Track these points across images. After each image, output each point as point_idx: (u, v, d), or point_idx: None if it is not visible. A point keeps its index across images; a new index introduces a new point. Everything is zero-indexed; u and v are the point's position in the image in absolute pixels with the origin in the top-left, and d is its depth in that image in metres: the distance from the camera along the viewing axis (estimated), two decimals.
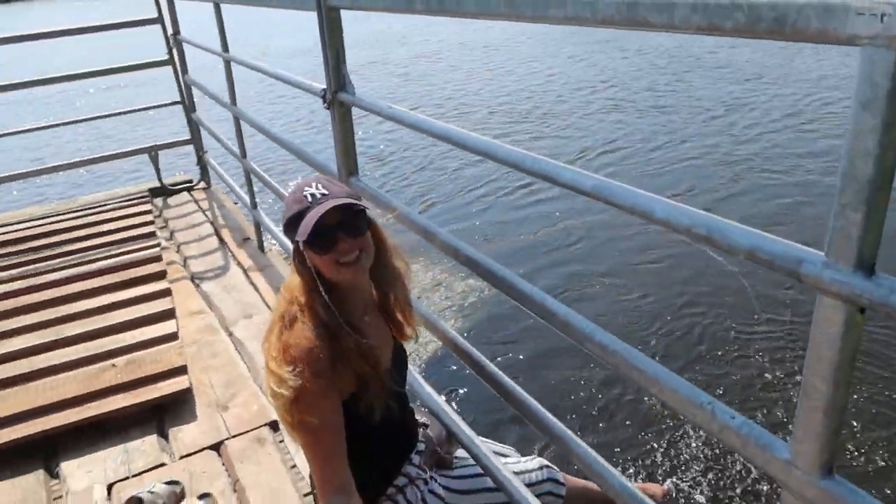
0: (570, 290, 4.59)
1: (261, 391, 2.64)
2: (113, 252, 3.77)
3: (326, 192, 1.47)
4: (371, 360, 1.54)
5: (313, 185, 1.48)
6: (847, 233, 0.79)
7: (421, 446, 1.87)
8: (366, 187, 2.16)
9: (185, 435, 2.46)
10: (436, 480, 1.86)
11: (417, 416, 1.96)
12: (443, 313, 4.26)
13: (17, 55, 16.71)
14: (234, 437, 2.42)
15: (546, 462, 2.15)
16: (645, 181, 6.38)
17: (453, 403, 3.40)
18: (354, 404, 1.53)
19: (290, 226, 1.47)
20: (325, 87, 2.17)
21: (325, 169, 2.46)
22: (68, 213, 4.44)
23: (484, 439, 2.09)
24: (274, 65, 2.91)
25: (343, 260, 1.46)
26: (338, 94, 2.12)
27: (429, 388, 2.12)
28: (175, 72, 4.78)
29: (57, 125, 4.74)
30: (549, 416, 1.56)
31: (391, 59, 14.67)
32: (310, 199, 1.45)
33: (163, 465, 2.33)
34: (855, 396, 3.31)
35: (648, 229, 5.09)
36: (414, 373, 2.19)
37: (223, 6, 3.51)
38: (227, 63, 3.56)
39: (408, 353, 1.85)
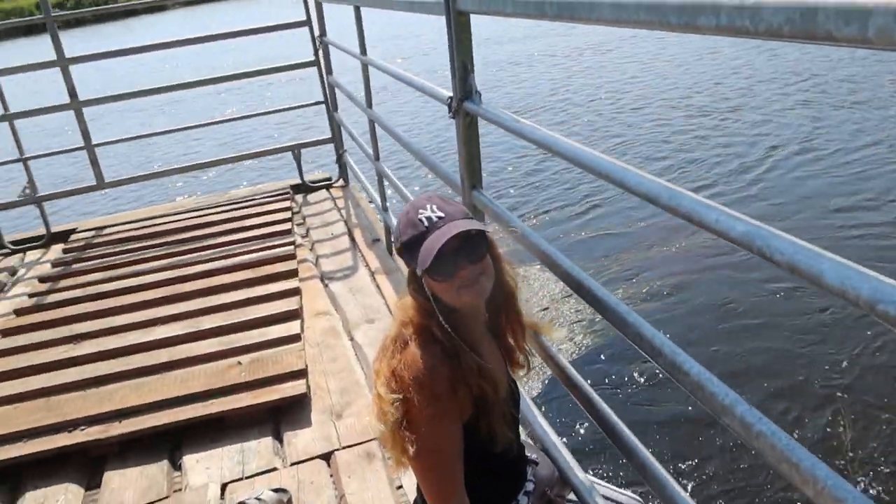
0: (706, 345, 4.12)
1: None
2: (252, 247, 3.91)
3: (443, 214, 1.36)
4: (492, 383, 1.42)
5: (428, 207, 1.38)
6: None
7: (529, 486, 1.72)
8: (488, 202, 2.03)
9: (299, 440, 2.46)
10: None
11: (528, 452, 1.81)
12: (556, 341, 4.04)
13: (184, 58, 18.10)
14: (344, 448, 2.38)
15: None
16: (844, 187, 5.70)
17: (566, 440, 3.20)
18: (473, 430, 1.42)
19: (407, 251, 1.38)
20: (451, 94, 2.06)
21: (448, 179, 2.36)
22: (217, 206, 4.69)
23: (600, 482, 1.89)
24: (405, 69, 2.84)
25: (464, 285, 1.36)
26: (463, 103, 2.00)
27: (543, 422, 1.95)
28: (320, 73, 4.91)
29: (211, 123, 5.02)
30: (662, 471, 1.34)
31: (532, 58, 14.40)
32: (426, 223, 1.34)
33: (274, 469, 2.34)
34: None
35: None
36: (529, 403, 2.04)
37: (363, 10, 3.52)
38: (365, 66, 3.56)
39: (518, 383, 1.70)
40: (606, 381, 3.71)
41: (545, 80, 12.05)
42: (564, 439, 3.12)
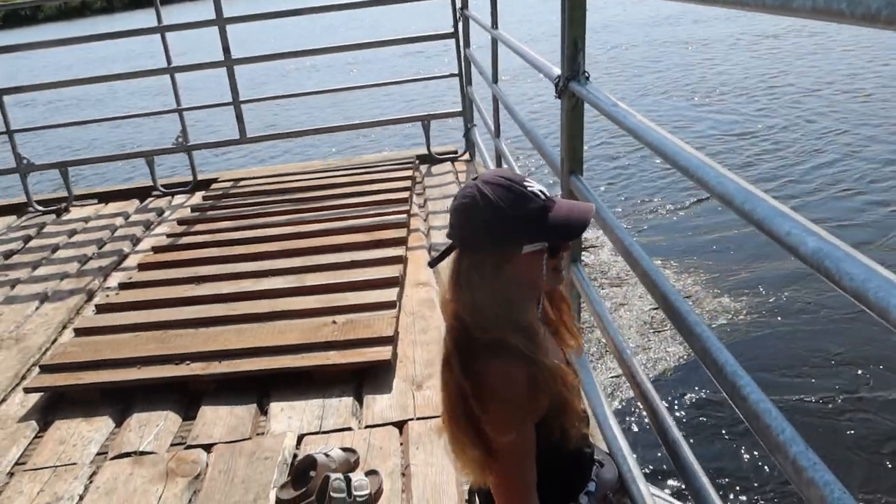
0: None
1: None
2: (369, 212, 4.01)
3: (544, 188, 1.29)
4: (569, 385, 1.35)
5: (526, 181, 1.29)
6: None
7: (592, 486, 1.64)
8: (583, 189, 1.93)
9: (377, 405, 2.51)
10: None
11: (595, 454, 1.72)
12: (647, 346, 3.77)
13: (330, 23, 18.71)
14: (418, 419, 2.40)
15: None
16: None
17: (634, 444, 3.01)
18: (547, 429, 1.36)
19: (530, 222, 1.24)
20: (560, 73, 1.97)
21: (550, 160, 2.27)
22: (344, 169, 4.85)
23: (660, 495, 1.77)
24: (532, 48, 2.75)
25: (557, 268, 1.31)
26: (570, 83, 1.90)
27: (613, 424, 1.85)
28: (457, 45, 4.90)
29: (347, 88, 5.18)
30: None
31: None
32: (542, 196, 1.26)
33: (349, 429, 2.40)
34: None
35: None
36: (603, 402, 1.94)
37: None
38: (494, 41, 3.51)
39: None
40: (677, 394, 3.46)
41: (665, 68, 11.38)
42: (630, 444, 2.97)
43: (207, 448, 2.39)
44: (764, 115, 8.32)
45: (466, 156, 5.14)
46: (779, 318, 4.08)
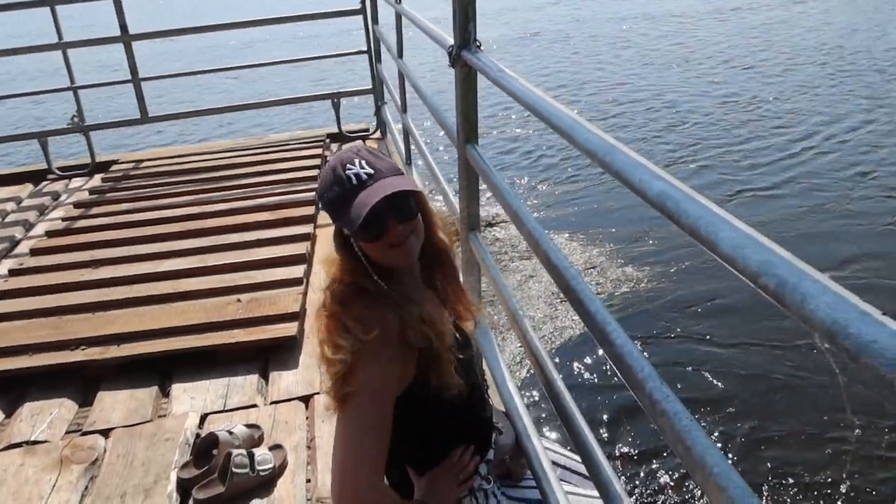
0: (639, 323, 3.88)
1: None
2: (276, 191, 3.94)
3: (372, 171, 1.28)
4: (434, 329, 1.36)
5: (356, 162, 1.29)
6: None
7: (490, 454, 1.68)
8: (478, 158, 1.96)
9: (283, 381, 2.49)
10: (496, 497, 1.66)
11: (495, 419, 1.76)
12: (530, 311, 3.89)
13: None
14: (325, 392, 2.39)
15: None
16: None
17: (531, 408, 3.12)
18: (423, 384, 1.37)
19: (332, 209, 1.30)
20: (452, 42, 1.99)
21: (449, 131, 2.29)
22: (251, 149, 4.74)
23: (552, 448, 1.84)
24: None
25: (393, 244, 1.30)
26: (461, 52, 1.92)
27: (510, 385, 1.91)
28: (365, 21, 4.85)
29: (255, 66, 5.04)
30: (603, 460, 1.29)
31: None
32: (354, 180, 1.26)
33: (254, 406, 2.37)
34: None
35: None
36: (501, 365, 2.00)
37: None
38: (398, 15, 3.49)
39: (475, 343, 1.66)
40: (572, 355, 3.59)
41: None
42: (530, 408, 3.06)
43: (105, 433, 2.31)
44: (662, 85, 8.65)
45: (378, 134, 5.11)
46: (668, 282, 4.29)
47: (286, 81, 10.19)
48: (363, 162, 1.29)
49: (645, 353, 1.06)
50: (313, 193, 3.85)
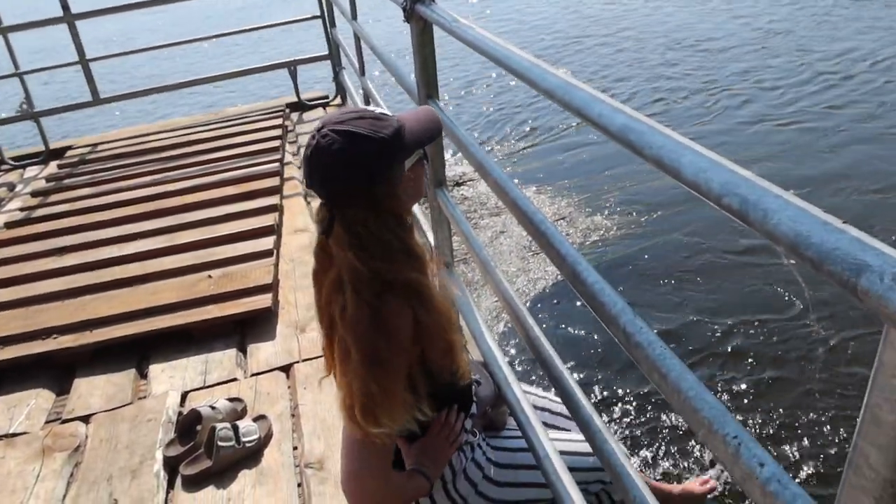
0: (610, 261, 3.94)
1: None
2: (239, 164, 3.87)
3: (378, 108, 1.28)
4: (451, 323, 1.35)
5: (366, 109, 1.26)
6: None
7: (473, 408, 1.70)
8: (439, 114, 1.94)
9: (261, 352, 2.48)
10: (481, 448, 1.68)
11: (473, 373, 1.78)
12: (504, 266, 3.91)
13: None
14: (304, 360, 2.40)
15: None
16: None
17: (510, 359, 3.17)
18: (438, 370, 1.37)
19: (399, 137, 1.21)
20: None
21: (409, 89, 2.26)
22: (210, 124, 4.63)
23: (532, 391, 1.87)
24: None
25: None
26: (415, 6, 1.88)
27: (488, 337, 1.92)
28: None
29: (207, 38, 4.89)
30: (582, 398, 1.31)
31: None
32: (390, 115, 1.26)
33: (234, 380, 2.36)
34: None
35: None
36: (477, 317, 2.01)
37: None
38: None
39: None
40: (547, 304, 3.63)
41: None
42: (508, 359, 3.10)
43: (85, 420, 2.29)
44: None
45: (338, 100, 5.03)
46: (645, 232, 4.33)
47: (242, 53, 9.94)
48: (355, 112, 1.24)
49: (619, 291, 1.07)
50: (277, 164, 3.80)
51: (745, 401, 2.92)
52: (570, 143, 5.75)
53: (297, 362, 2.39)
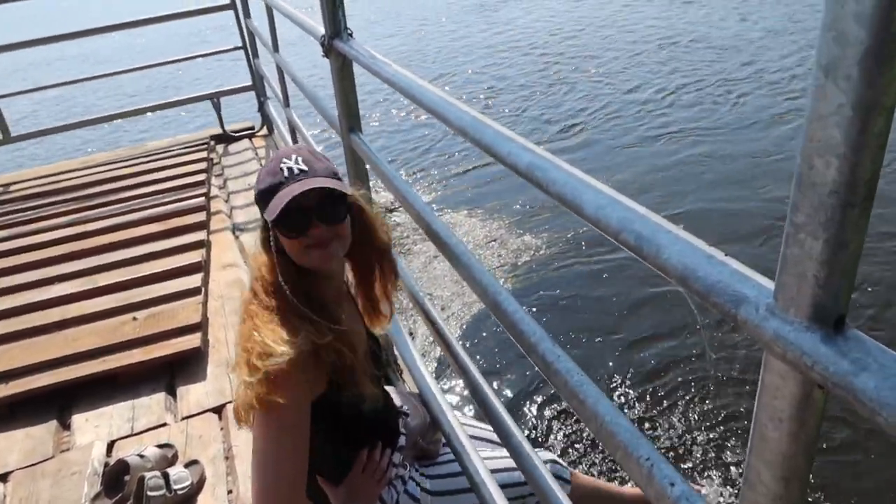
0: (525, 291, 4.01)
1: None
2: (163, 200, 3.78)
3: (306, 168, 1.28)
4: (349, 344, 1.35)
5: (293, 157, 1.29)
6: (801, 268, 0.51)
7: (402, 440, 1.69)
8: (364, 147, 1.96)
9: (192, 394, 2.41)
10: (413, 480, 1.69)
11: (398, 402, 1.77)
12: (437, 291, 3.95)
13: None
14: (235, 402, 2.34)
15: (552, 456, 1.94)
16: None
17: (442, 385, 3.18)
18: (336, 396, 1.36)
19: (261, 200, 1.29)
20: (324, 32, 1.97)
21: (332, 122, 2.27)
22: (131, 159, 4.51)
23: (467, 422, 1.89)
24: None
25: (313, 246, 1.29)
26: (334, 41, 1.90)
27: (422, 369, 1.93)
28: (237, 17, 4.69)
29: (125, 71, 4.77)
30: (510, 423, 1.33)
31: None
32: (286, 173, 1.27)
33: (164, 425, 2.29)
34: None
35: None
36: (409, 345, 2.02)
37: None
38: (268, 8, 3.40)
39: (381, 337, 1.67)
40: (473, 331, 3.68)
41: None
42: (441, 386, 3.12)
43: (3, 478, 2.17)
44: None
45: (265, 131, 4.98)
46: (561, 247, 4.45)
47: (163, 87, 9.71)
48: (300, 159, 1.29)
49: (543, 319, 1.10)
50: (202, 199, 3.72)
51: (659, 422, 3.04)
52: (499, 169, 5.85)
53: (231, 402, 2.33)
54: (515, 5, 13.31)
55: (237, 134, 4.90)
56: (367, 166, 2.07)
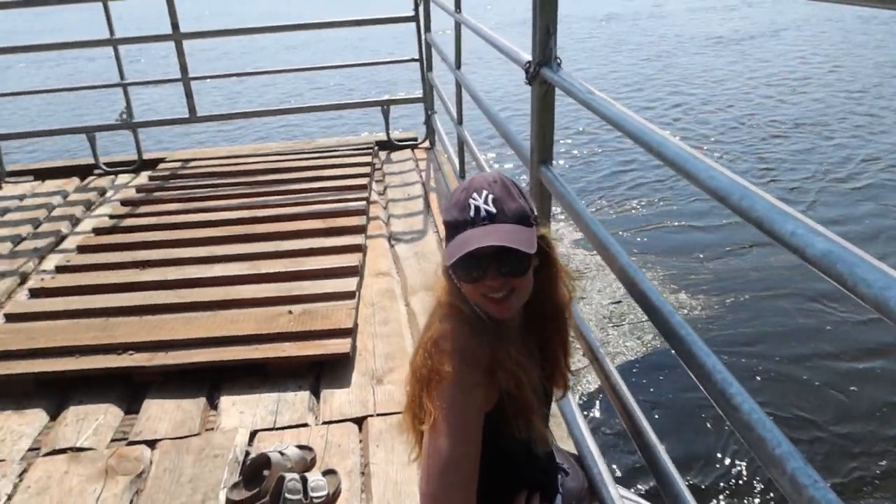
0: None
1: None
2: (327, 198, 3.87)
3: (495, 210, 1.20)
4: (525, 371, 1.28)
5: (484, 193, 1.22)
6: None
7: (559, 500, 1.58)
8: (554, 180, 1.87)
9: (335, 400, 2.41)
10: None
11: (559, 460, 1.66)
12: (607, 341, 3.72)
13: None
14: (378, 415, 2.31)
15: None
16: None
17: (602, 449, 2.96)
18: (504, 423, 1.29)
19: (446, 228, 1.26)
20: (530, 59, 1.90)
21: (519, 150, 2.20)
22: (300, 153, 4.69)
23: (630, 497, 1.73)
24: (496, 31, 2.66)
25: (489, 295, 1.23)
26: (541, 69, 1.83)
27: (582, 425, 1.80)
28: (418, 28, 4.79)
29: (305, 69, 4.99)
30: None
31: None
32: (472, 211, 1.20)
33: (305, 425, 2.30)
34: None
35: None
36: (572, 403, 1.89)
37: None
38: (458, 25, 3.41)
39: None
40: (653, 394, 3.43)
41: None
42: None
43: (151, 444, 2.26)
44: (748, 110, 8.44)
45: (427, 143, 5.04)
46: (760, 318, 4.11)
47: (332, 86, 10.14)
48: (491, 197, 1.21)
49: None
50: (364, 203, 3.78)
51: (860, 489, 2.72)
52: (675, 211, 5.59)
53: (372, 416, 2.30)
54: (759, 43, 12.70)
55: (400, 142, 4.99)
56: (553, 199, 1.97)
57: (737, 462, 3.03)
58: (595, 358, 1.65)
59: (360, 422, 2.29)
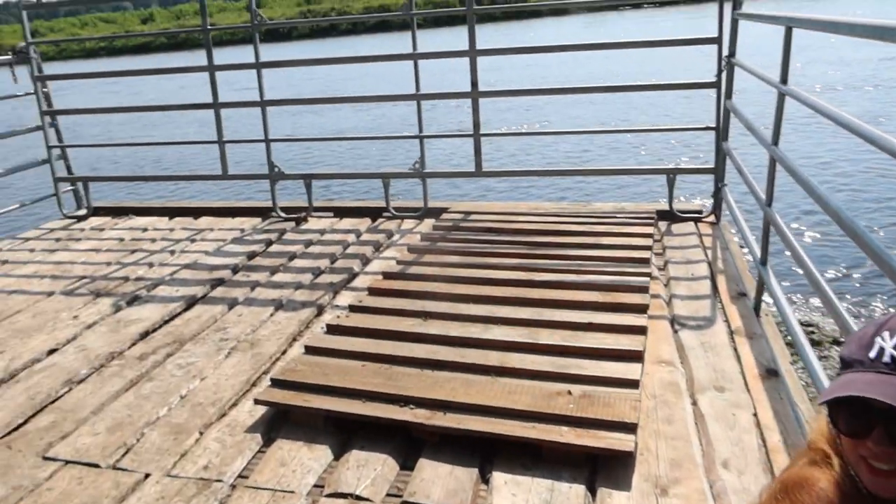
0: None
1: (709, 491, 2.20)
2: (606, 269, 3.71)
3: None
4: None
5: (884, 330, 0.98)
6: None
7: None
8: None
9: (613, 502, 2.20)
10: None
11: None
12: None
13: (578, 63, 18.61)
14: None
15: None
16: None
17: None
18: None
19: (840, 363, 1.05)
20: None
21: (879, 257, 1.83)
22: (578, 216, 4.61)
23: None
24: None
25: (869, 459, 0.98)
26: None
27: None
28: (718, 95, 4.48)
29: (592, 132, 4.92)
30: None
31: None
32: (875, 353, 0.97)
33: None
34: None
35: None
36: None
37: (796, 30, 3.03)
38: (782, 96, 3.07)
39: None
40: None
41: None
42: None
43: None
44: None
45: (712, 217, 4.66)
46: None
47: (612, 147, 9.84)
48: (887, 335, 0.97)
49: None
50: (647, 279, 3.55)
51: None
52: None
53: None
54: None
55: (683, 214, 4.67)
56: None
57: None
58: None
59: None
